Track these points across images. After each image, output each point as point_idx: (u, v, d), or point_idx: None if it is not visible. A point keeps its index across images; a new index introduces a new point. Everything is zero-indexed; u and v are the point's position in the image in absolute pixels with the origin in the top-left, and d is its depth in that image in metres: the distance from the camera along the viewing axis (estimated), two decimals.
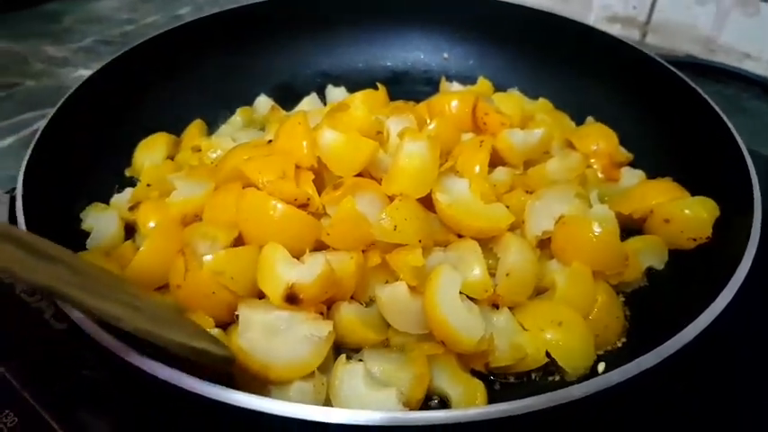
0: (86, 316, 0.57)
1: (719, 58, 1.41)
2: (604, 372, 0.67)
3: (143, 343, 0.53)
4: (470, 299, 0.70)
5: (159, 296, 0.72)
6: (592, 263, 0.74)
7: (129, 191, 0.89)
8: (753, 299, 0.64)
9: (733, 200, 0.77)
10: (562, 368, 0.68)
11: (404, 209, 0.70)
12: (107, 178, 0.92)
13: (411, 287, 0.69)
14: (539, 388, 0.69)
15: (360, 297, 0.74)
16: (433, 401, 0.68)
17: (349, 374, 0.64)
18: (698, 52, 1.43)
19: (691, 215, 0.79)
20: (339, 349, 0.69)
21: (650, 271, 0.80)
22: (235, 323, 0.67)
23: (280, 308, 0.66)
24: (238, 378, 0.62)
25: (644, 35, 1.51)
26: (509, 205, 0.78)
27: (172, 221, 0.78)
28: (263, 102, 1.10)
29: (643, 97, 1.03)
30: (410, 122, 0.84)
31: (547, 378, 0.70)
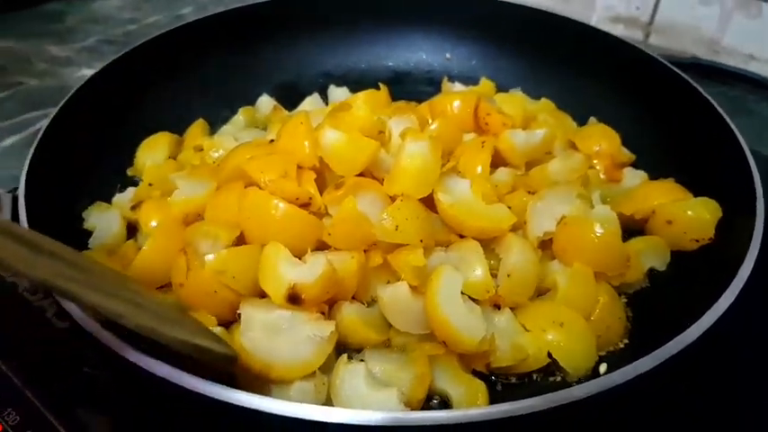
0: (87, 312, 0.57)
1: (723, 60, 1.41)
2: (606, 373, 0.67)
3: (144, 341, 0.53)
4: (472, 299, 0.69)
5: (162, 294, 0.72)
6: (593, 264, 0.74)
7: (132, 190, 0.89)
8: (755, 300, 0.64)
9: (735, 201, 0.76)
10: (563, 369, 0.68)
11: (405, 209, 0.70)
12: (109, 178, 0.92)
13: (412, 287, 0.69)
14: (540, 389, 0.69)
15: (361, 297, 0.74)
16: (434, 402, 0.68)
17: (350, 374, 0.64)
18: (702, 53, 1.43)
19: (693, 216, 0.79)
20: (340, 349, 0.69)
21: (652, 272, 0.80)
22: (237, 322, 0.67)
23: (282, 307, 0.66)
24: (239, 377, 0.62)
25: (647, 36, 1.50)
26: (511, 206, 0.78)
27: (174, 221, 0.78)
28: (266, 102, 1.10)
29: (646, 98, 1.02)
30: (412, 123, 0.84)
31: (548, 379, 0.70)
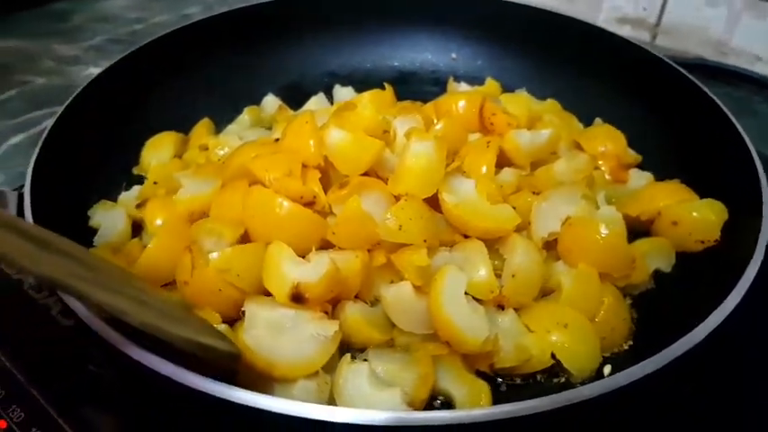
0: (92, 310, 0.57)
1: (731, 61, 1.40)
2: (610, 374, 0.67)
3: (148, 339, 0.53)
4: (476, 299, 0.69)
5: (167, 292, 0.72)
6: (598, 265, 0.74)
7: (137, 189, 0.89)
8: (761, 301, 0.64)
9: (741, 202, 0.76)
10: (567, 370, 0.68)
11: (409, 209, 0.70)
12: (115, 176, 0.93)
13: (416, 287, 0.69)
14: (544, 390, 0.69)
15: (365, 296, 0.74)
16: (437, 402, 0.68)
17: (353, 374, 0.64)
18: (709, 54, 1.43)
19: (699, 217, 0.78)
20: (344, 348, 0.69)
21: (657, 273, 0.80)
22: (241, 320, 0.67)
23: (286, 306, 0.66)
24: (242, 375, 0.62)
25: (654, 37, 1.50)
26: (515, 206, 0.77)
27: (179, 219, 0.78)
28: (271, 101, 1.10)
29: (652, 99, 1.02)
30: (417, 122, 0.84)
31: (552, 380, 0.70)
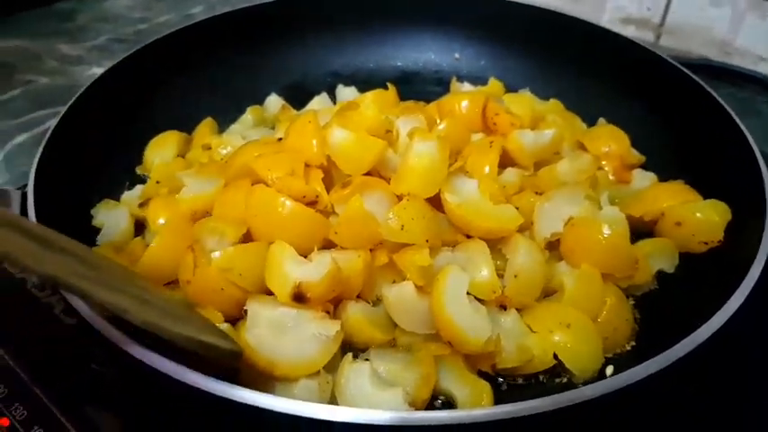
0: (94, 309, 0.57)
1: (735, 61, 1.40)
2: (612, 375, 0.67)
3: (150, 338, 0.53)
4: (478, 300, 0.69)
5: (169, 291, 0.72)
6: (601, 265, 0.74)
7: (140, 188, 0.89)
8: (764, 302, 0.63)
9: (745, 203, 0.76)
10: (570, 371, 0.68)
11: (411, 208, 0.70)
12: (118, 175, 0.93)
13: (418, 287, 0.69)
14: (546, 390, 0.68)
15: (367, 296, 0.74)
16: (438, 402, 0.67)
17: (355, 373, 0.64)
18: (713, 55, 1.42)
19: (702, 218, 0.78)
20: (345, 348, 0.69)
21: (661, 274, 0.79)
22: (243, 319, 0.67)
23: (288, 305, 0.66)
24: (244, 374, 0.62)
25: (658, 37, 1.49)
26: (518, 206, 0.78)
27: (181, 218, 0.78)
28: (274, 101, 1.10)
29: (655, 99, 1.02)
30: (420, 122, 0.84)
31: (554, 380, 0.69)
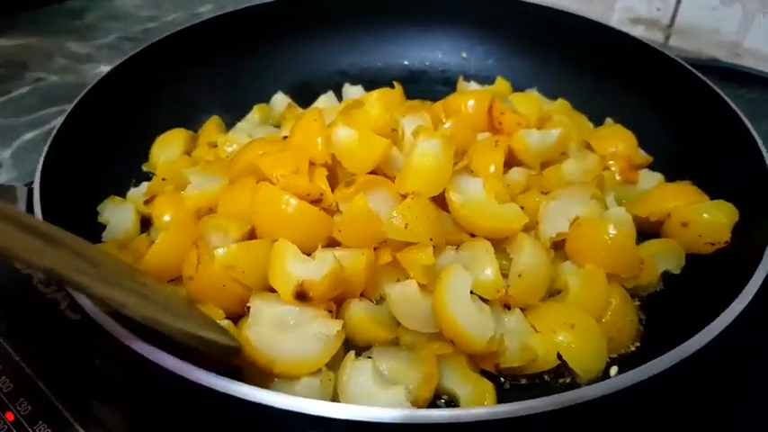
0: (95, 304, 0.58)
1: (745, 62, 1.38)
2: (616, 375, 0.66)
3: (151, 333, 0.53)
4: (482, 299, 0.69)
5: (171, 287, 0.72)
6: (606, 265, 0.73)
7: (146, 185, 0.90)
8: None
9: (752, 204, 0.75)
10: (573, 371, 0.67)
11: (415, 207, 0.70)
12: (124, 173, 0.93)
13: (421, 286, 0.69)
14: (549, 390, 0.68)
15: (370, 294, 0.74)
16: (441, 401, 0.67)
17: (357, 371, 0.64)
18: (723, 56, 1.41)
19: (709, 219, 0.78)
20: (348, 346, 0.69)
21: (667, 275, 0.79)
22: (245, 316, 0.68)
23: (291, 303, 0.66)
24: (247, 371, 0.62)
25: (667, 37, 1.48)
26: (524, 206, 0.77)
27: (186, 215, 0.78)
28: (280, 99, 1.10)
29: (663, 99, 1.01)
30: (425, 121, 0.84)
31: (558, 380, 0.69)
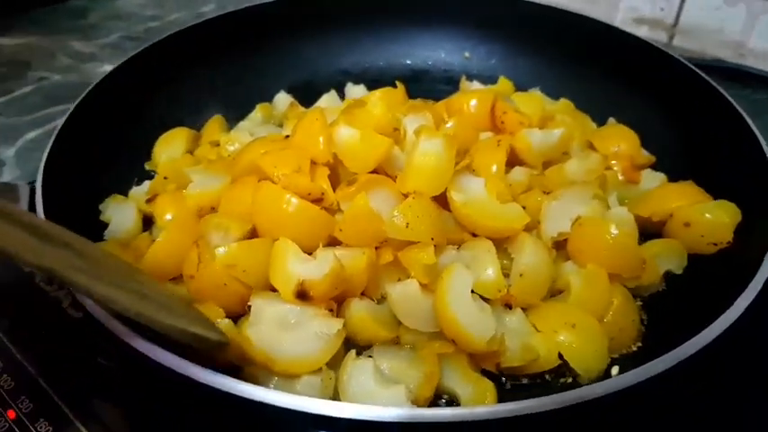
0: (87, 299, 0.58)
1: (749, 63, 1.38)
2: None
3: (154, 332, 0.53)
4: (483, 298, 0.69)
5: (168, 285, 0.72)
6: (608, 265, 0.73)
7: (148, 183, 0.90)
8: None
9: (755, 204, 0.75)
10: (574, 370, 0.67)
11: (417, 206, 0.70)
12: (127, 171, 0.93)
13: (422, 285, 0.69)
14: (550, 389, 0.68)
15: (372, 294, 0.73)
16: (442, 401, 0.67)
17: (358, 370, 0.64)
18: (727, 56, 1.40)
19: (712, 219, 0.77)
20: (349, 345, 0.69)
21: (669, 275, 0.79)
22: (246, 315, 0.68)
23: (291, 302, 0.66)
24: (246, 370, 0.62)
25: (671, 37, 1.48)
26: (526, 205, 0.77)
27: (188, 214, 0.78)
28: (283, 98, 1.10)
29: (667, 99, 1.01)
30: (427, 120, 0.84)
31: (559, 380, 0.69)
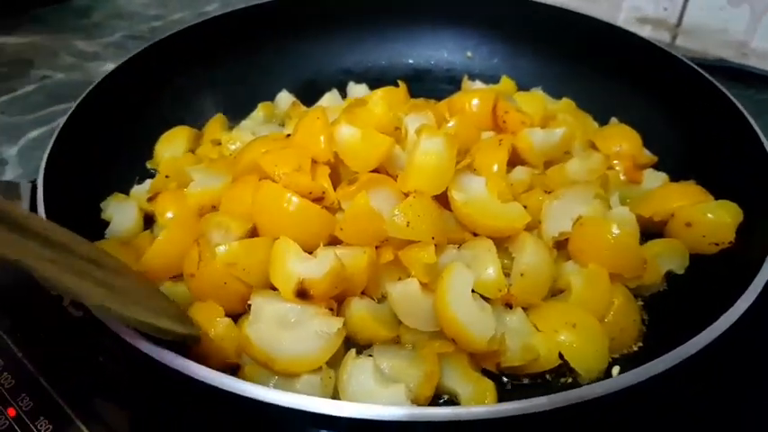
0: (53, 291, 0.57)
1: (753, 63, 1.37)
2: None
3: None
4: (484, 298, 0.69)
5: (135, 272, 0.70)
6: (609, 265, 0.73)
7: (149, 182, 0.90)
8: None
9: (757, 204, 0.75)
10: (575, 370, 0.67)
11: (417, 205, 0.69)
12: (128, 170, 0.94)
13: (423, 284, 0.68)
14: (551, 390, 0.68)
15: (372, 293, 0.73)
16: (442, 401, 0.67)
17: (358, 369, 0.64)
18: (730, 56, 1.40)
19: (713, 219, 0.77)
20: (349, 344, 0.69)
21: (670, 275, 0.78)
22: (246, 313, 0.68)
23: (292, 301, 0.66)
24: (246, 368, 0.62)
25: (674, 37, 1.47)
26: (527, 205, 0.77)
27: (189, 212, 0.78)
28: (285, 97, 1.10)
29: (669, 99, 1.00)
30: (428, 119, 0.84)
31: (559, 380, 0.69)
